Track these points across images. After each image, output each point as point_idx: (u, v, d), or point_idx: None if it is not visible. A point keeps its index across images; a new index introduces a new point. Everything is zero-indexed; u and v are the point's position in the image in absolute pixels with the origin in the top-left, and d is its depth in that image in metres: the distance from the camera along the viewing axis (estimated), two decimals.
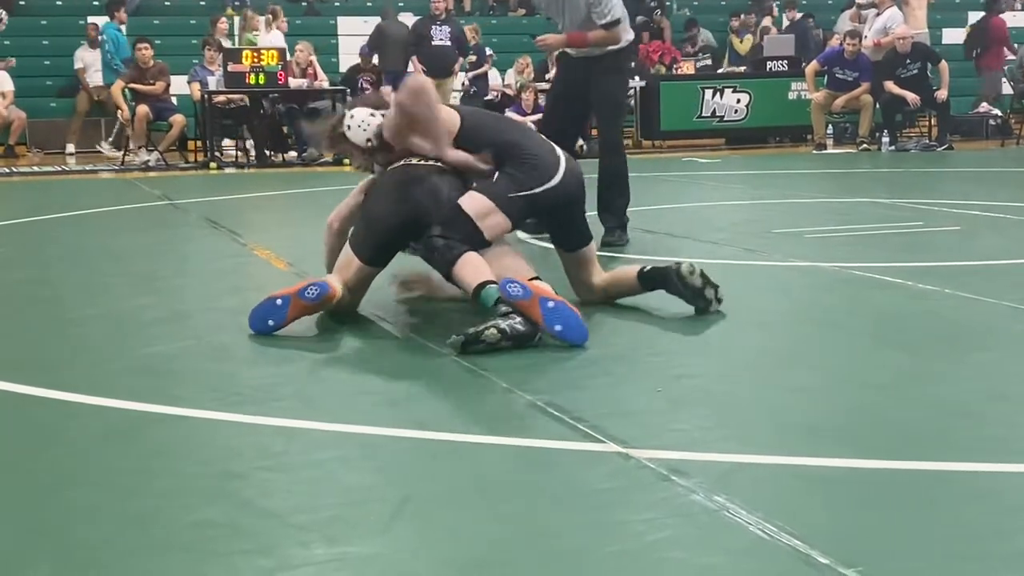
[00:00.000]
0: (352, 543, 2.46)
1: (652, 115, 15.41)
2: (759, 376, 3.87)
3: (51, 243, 7.59)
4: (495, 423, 3.33)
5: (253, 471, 2.92)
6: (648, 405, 3.50)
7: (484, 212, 4.40)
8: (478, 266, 4.25)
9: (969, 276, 5.44)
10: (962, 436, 3.15)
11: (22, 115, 15.39)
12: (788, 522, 2.46)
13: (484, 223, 4.39)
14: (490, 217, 4.41)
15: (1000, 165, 12.64)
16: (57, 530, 2.58)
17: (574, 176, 4.60)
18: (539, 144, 4.67)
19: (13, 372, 3.92)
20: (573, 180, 4.59)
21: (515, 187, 4.47)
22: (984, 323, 4.49)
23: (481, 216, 4.39)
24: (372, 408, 3.51)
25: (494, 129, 4.70)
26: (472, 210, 4.39)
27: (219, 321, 4.77)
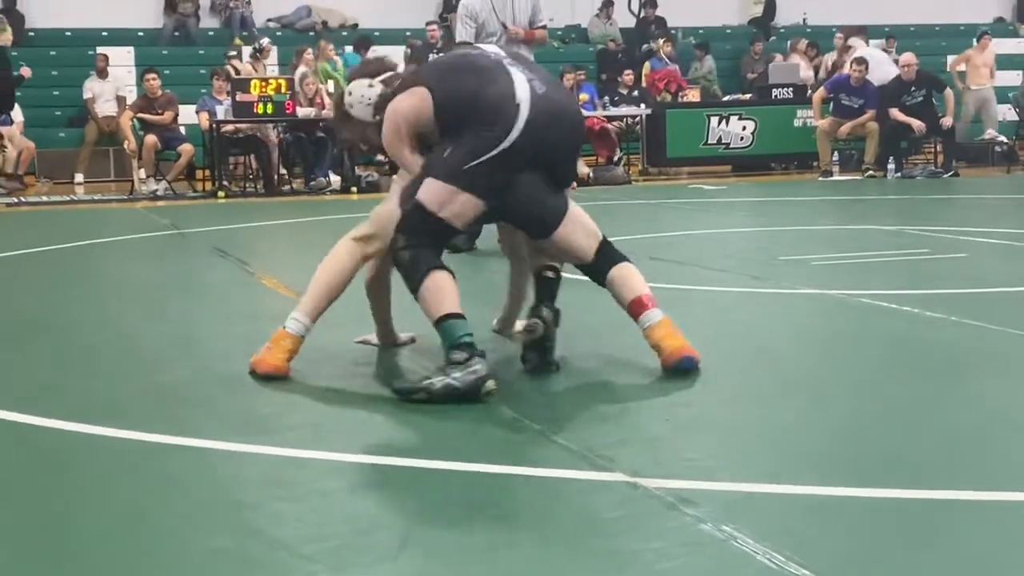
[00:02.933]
0: (358, 571, 2.46)
1: (658, 142, 15.45)
2: (766, 405, 3.86)
3: (62, 272, 7.62)
4: (503, 452, 3.33)
5: (263, 500, 2.93)
6: (656, 434, 3.51)
7: (443, 199, 4.01)
8: (444, 291, 3.96)
9: (976, 304, 5.44)
10: (969, 464, 3.15)
11: (31, 145, 15.45)
12: (796, 552, 2.46)
13: (448, 212, 4.02)
14: (452, 203, 4.01)
15: (1005, 192, 12.64)
16: (71, 557, 2.59)
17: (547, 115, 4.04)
18: (498, 92, 4.04)
19: (26, 401, 3.93)
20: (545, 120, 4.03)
21: (469, 157, 3.99)
22: (991, 351, 4.49)
23: (442, 205, 4.01)
24: (380, 437, 3.52)
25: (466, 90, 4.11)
26: (430, 202, 4.02)
27: (228, 349, 4.78)
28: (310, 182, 14.23)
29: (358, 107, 4.32)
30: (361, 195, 13.65)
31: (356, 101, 4.33)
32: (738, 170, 15.77)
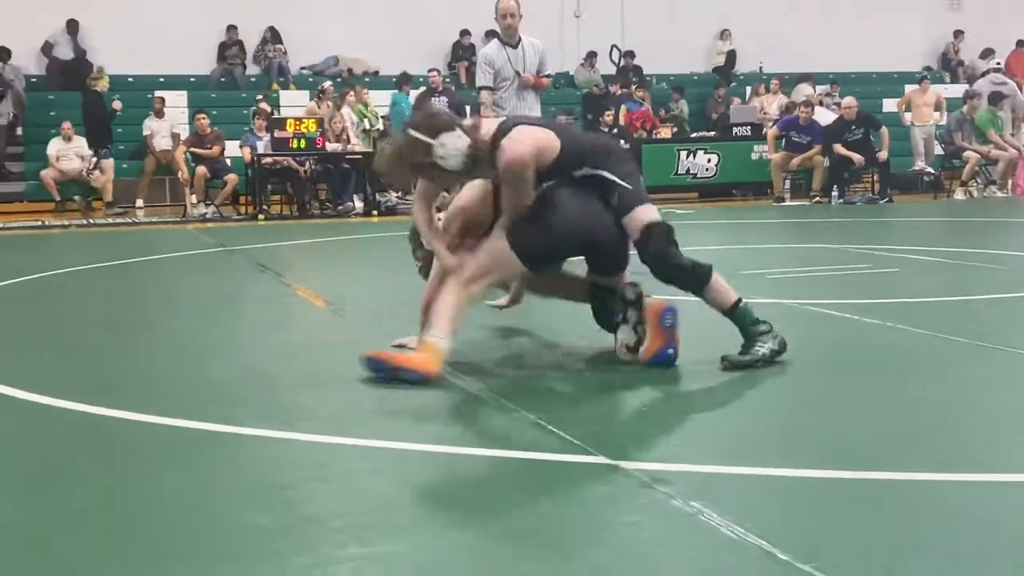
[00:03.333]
0: (381, 543, 2.46)
1: None
2: (730, 398, 3.87)
3: (124, 283, 7.63)
4: (503, 439, 3.34)
5: (297, 481, 2.92)
6: (634, 423, 3.51)
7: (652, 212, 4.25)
8: (725, 285, 4.23)
9: (907, 312, 5.44)
10: (903, 449, 3.15)
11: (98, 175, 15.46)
12: (755, 524, 2.45)
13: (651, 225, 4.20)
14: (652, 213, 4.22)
15: (933, 215, 12.65)
16: (126, 532, 2.58)
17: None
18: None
19: (93, 395, 3.93)
20: None
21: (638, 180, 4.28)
22: (921, 352, 4.49)
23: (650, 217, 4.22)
24: (399, 427, 3.51)
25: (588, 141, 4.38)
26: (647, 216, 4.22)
27: (267, 351, 4.78)
28: (337, 206, 14.25)
29: (451, 159, 4.00)
30: (381, 217, 13.66)
31: (450, 153, 3.99)
32: (704, 197, 15.78)
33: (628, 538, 2.45)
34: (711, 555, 2.34)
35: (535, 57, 7.88)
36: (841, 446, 3.19)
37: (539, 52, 7.90)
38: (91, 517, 2.70)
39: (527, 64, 7.82)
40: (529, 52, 7.86)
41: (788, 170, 14.95)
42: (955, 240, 9.76)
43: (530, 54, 7.85)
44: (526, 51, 7.85)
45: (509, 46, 7.84)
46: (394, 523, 2.58)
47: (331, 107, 15.31)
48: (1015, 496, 2.73)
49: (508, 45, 7.85)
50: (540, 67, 7.92)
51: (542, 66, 7.93)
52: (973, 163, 15.12)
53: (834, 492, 2.78)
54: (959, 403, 3.69)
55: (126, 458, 3.24)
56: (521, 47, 7.86)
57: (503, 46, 7.86)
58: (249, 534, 2.54)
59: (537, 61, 7.89)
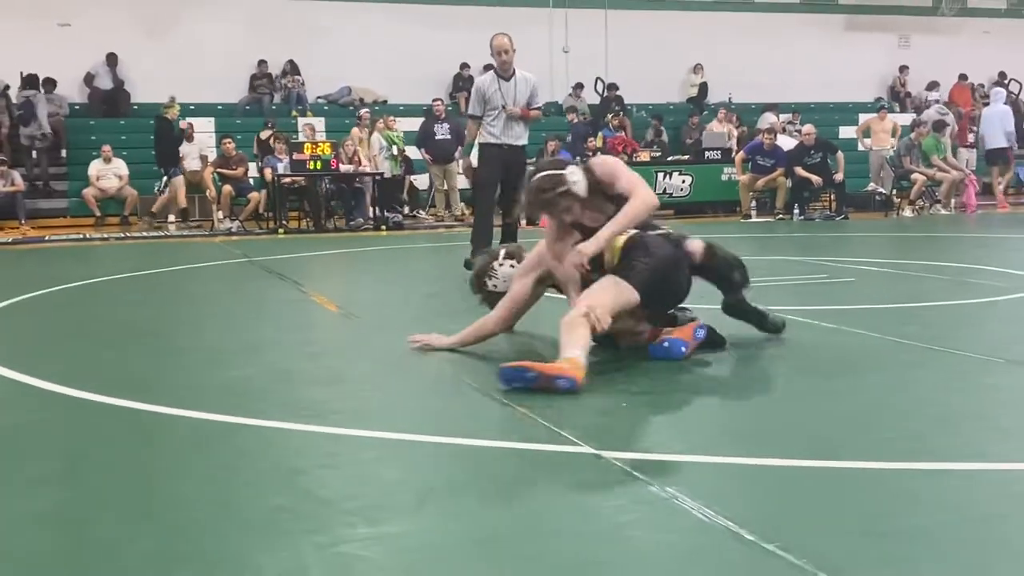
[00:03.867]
0: (388, 524, 2.45)
1: None
2: (703, 393, 3.86)
3: (157, 290, 7.61)
4: (498, 431, 3.32)
5: (313, 468, 2.91)
6: (616, 416, 3.50)
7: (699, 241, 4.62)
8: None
9: (862, 317, 5.44)
10: (858, 440, 3.14)
11: (134, 192, 15.49)
12: (724, 508, 2.45)
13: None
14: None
15: (884, 231, 12.67)
16: (159, 514, 2.57)
17: None
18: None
19: (128, 390, 3.91)
20: None
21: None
22: (873, 353, 4.49)
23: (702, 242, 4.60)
24: (403, 419, 3.50)
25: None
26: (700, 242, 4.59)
27: (286, 351, 4.76)
28: (349, 222, 14.24)
29: (580, 183, 4.24)
30: (389, 232, 13.65)
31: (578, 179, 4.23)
32: (679, 214, 15.78)
33: (609, 521, 2.44)
34: (684, 536, 2.33)
35: (526, 90, 7.83)
36: (804, 437, 3.19)
37: (530, 85, 7.85)
38: (124, 500, 2.68)
39: (517, 96, 7.78)
40: (520, 85, 7.82)
41: (754, 190, 14.99)
42: (904, 253, 9.77)
43: (521, 87, 7.82)
44: (517, 84, 7.81)
45: (502, 78, 7.81)
46: (399, 506, 2.57)
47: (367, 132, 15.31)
48: (961, 481, 2.72)
49: (501, 78, 7.82)
50: (531, 99, 7.86)
51: (533, 98, 7.87)
52: (920, 184, 15.15)
53: (797, 479, 2.77)
54: (910, 399, 3.69)
55: (156, 447, 3.22)
56: (513, 80, 7.82)
57: (496, 78, 7.83)
58: (268, 514, 2.53)
59: (528, 94, 7.84)
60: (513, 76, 7.84)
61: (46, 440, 3.35)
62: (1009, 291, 6.37)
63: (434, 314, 6.10)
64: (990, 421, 3.33)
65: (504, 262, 4.65)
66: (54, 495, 2.74)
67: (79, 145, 16.55)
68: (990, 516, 2.43)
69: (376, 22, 18.62)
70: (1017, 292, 6.33)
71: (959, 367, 4.17)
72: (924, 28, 22.19)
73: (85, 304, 6.82)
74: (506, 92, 7.78)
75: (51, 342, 5.38)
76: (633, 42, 19.80)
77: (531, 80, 7.89)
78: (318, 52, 18.42)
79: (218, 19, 18.00)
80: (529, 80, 7.87)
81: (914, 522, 2.39)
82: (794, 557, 2.17)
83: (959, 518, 2.41)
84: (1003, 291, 6.38)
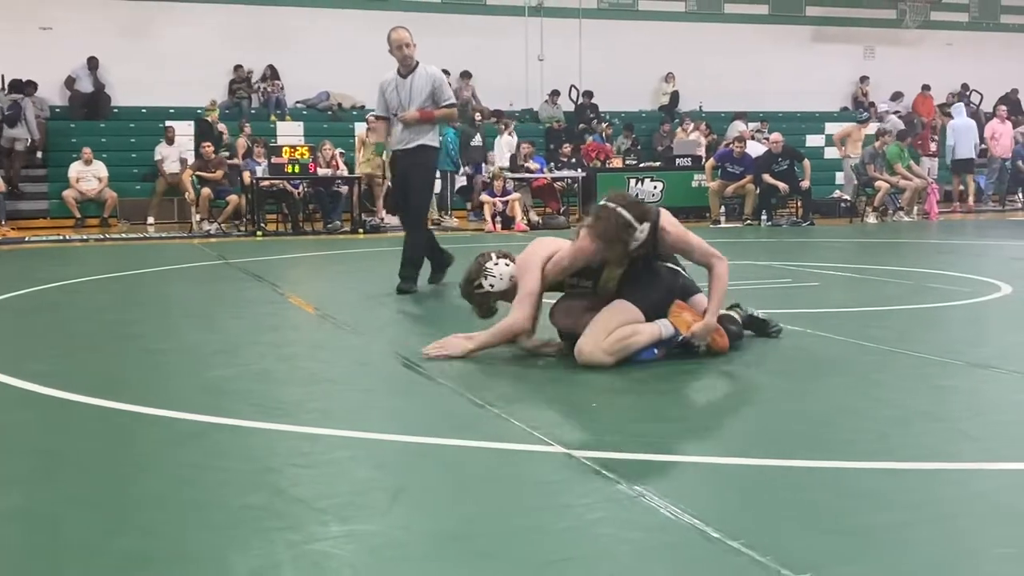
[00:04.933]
0: (360, 522, 2.44)
1: (590, 198, 15.45)
2: (670, 394, 3.86)
3: (136, 292, 7.54)
4: (470, 430, 3.31)
5: (286, 467, 2.89)
6: (586, 416, 3.50)
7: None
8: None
9: (826, 320, 5.47)
10: (820, 440, 3.16)
11: (114, 195, 15.38)
12: (690, 505, 2.46)
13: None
14: None
15: (849, 237, 12.76)
16: (133, 512, 2.55)
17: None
18: None
19: (105, 390, 3.88)
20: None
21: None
22: (837, 355, 4.52)
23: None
24: (376, 419, 3.49)
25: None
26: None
27: (261, 352, 4.73)
28: (327, 224, 14.18)
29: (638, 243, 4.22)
30: (367, 235, 13.61)
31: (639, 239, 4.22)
32: None
33: (578, 518, 2.44)
34: (651, 533, 2.33)
35: (426, 87, 6.86)
36: (768, 437, 3.20)
37: (432, 81, 6.89)
38: (99, 499, 2.66)
39: (412, 95, 6.84)
40: (419, 82, 6.87)
41: (723, 196, 15.05)
42: (867, 258, 9.84)
43: (419, 84, 6.86)
44: (415, 81, 6.87)
45: (401, 76, 6.92)
46: (372, 504, 2.56)
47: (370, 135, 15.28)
48: (921, 480, 2.74)
49: (400, 75, 6.93)
50: (437, 97, 6.91)
51: (439, 95, 6.92)
52: (884, 191, 15.27)
53: (762, 477, 2.78)
54: (872, 401, 3.71)
55: (132, 447, 3.19)
56: (411, 78, 6.89)
57: (397, 76, 6.95)
58: (242, 513, 2.51)
59: (428, 91, 6.86)
60: (413, 73, 6.89)
61: (22, 439, 3.31)
62: (968, 295, 6.43)
63: (411, 317, 6.09)
64: (949, 422, 3.36)
65: (499, 261, 4.55)
66: (29, 494, 2.71)
67: (59, 148, 16.41)
68: (949, 515, 2.45)
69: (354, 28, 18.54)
70: (976, 296, 6.39)
71: (920, 369, 4.20)
72: (889, 40, 22.38)
73: (63, 305, 6.75)
74: (402, 91, 6.91)
75: (29, 342, 5.32)
76: (607, 51, 19.86)
77: (433, 75, 6.94)
78: (296, 57, 18.34)
79: (198, 23, 17.89)
80: (431, 75, 6.92)
81: (875, 520, 2.40)
82: (758, 554, 2.17)
83: (919, 516, 2.43)
84: (962, 295, 6.44)
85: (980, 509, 2.52)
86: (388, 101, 6.99)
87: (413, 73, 6.91)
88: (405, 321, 5.92)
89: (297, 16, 18.51)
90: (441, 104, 6.94)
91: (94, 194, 15.30)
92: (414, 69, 6.92)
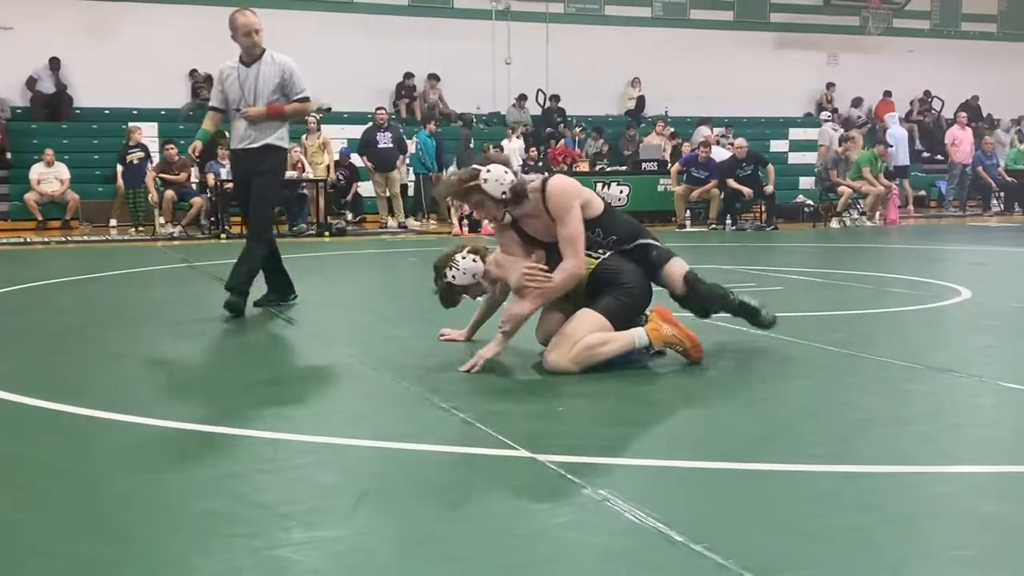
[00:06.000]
0: (324, 527, 2.43)
1: None
2: (634, 398, 3.87)
3: (97, 295, 7.45)
4: (436, 435, 3.30)
5: (248, 472, 2.87)
6: (552, 421, 3.50)
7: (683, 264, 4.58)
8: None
9: (789, 324, 5.50)
10: (783, 443, 3.19)
11: (76, 196, 15.20)
12: (654, 509, 2.46)
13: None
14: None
15: (811, 241, 12.88)
16: (94, 518, 2.52)
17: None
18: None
19: (65, 394, 3.83)
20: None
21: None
22: (799, 359, 4.54)
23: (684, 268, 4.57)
24: (341, 424, 3.47)
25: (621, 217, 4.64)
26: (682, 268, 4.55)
27: (224, 356, 4.70)
28: (292, 227, 14.10)
29: (492, 183, 4.22)
30: (332, 238, 13.54)
31: (493, 179, 4.22)
32: None
33: (542, 523, 2.44)
34: (615, 537, 2.34)
35: (274, 78, 5.97)
36: (732, 441, 3.22)
37: (281, 71, 5.97)
38: (59, 504, 2.62)
39: (259, 87, 5.95)
40: (266, 73, 5.98)
41: (689, 201, 15.14)
42: (830, 262, 9.94)
43: (266, 75, 5.97)
44: (261, 72, 5.98)
45: (244, 64, 6.00)
46: (335, 510, 2.54)
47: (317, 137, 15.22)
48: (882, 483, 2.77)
49: (243, 64, 6.00)
50: (287, 88, 6.00)
51: (289, 87, 6.00)
52: (847, 197, 15.42)
53: (725, 481, 2.80)
54: (834, 404, 3.75)
55: (93, 451, 3.15)
56: (257, 67, 5.99)
57: (239, 65, 6.03)
58: (204, 518, 2.48)
59: (277, 82, 5.97)
60: (258, 61, 5.96)
61: None
62: (929, 299, 6.51)
63: (379, 319, 6.07)
64: (909, 425, 3.39)
65: (467, 255, 4.53)
66: None
67: (20, 149, 16.20)
68: (909, 517, 2.48)
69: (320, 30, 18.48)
70: (936, 301, 6.47)
71: (881, 373, 4.25)
72: (852, 46, 22.63)
73: (24, 308, 6.66)
74: (246, 82, 5.99)
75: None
76: (573, 55, 19.92)
77: (284, 64, 5.99)
78: None
79: (160, 25, 17.72)
80: (281, 64, 5.98)
81: (837, 523, 2.42)
82: (721, 557, 2.18)
83: (880, 519, 2.45)
84: (923, 300, 6.51)
85: (940, 512, 2.55)
86: (227, 94, 6.05)
87: (259, 62, 5.95)
88: (371, 325, 5.89)
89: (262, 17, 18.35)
90: (292, 98, 5.99)
91: (56, 196, 15.12)
92: (259, 57, 5.96)
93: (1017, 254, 10.57)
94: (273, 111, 5.97)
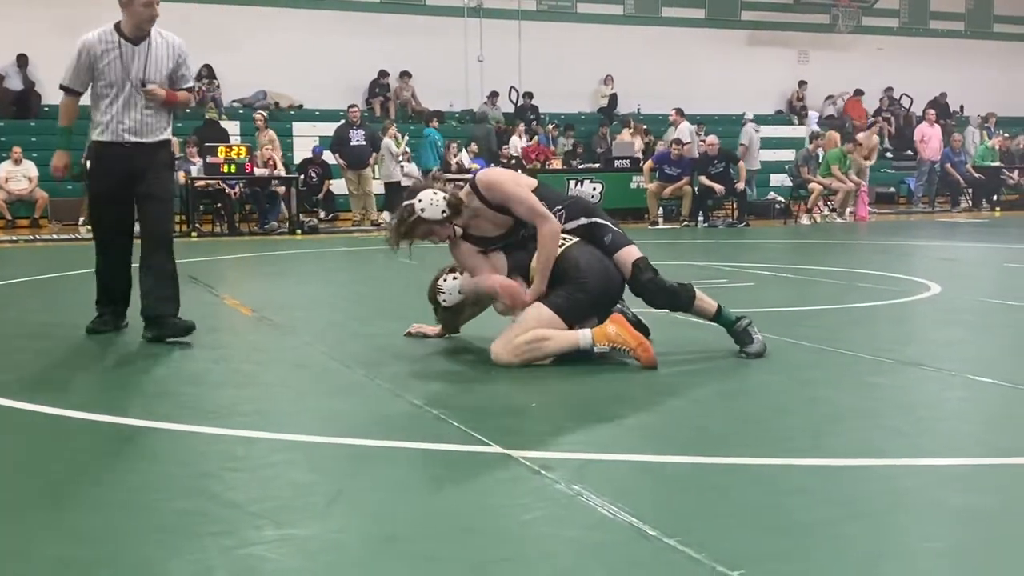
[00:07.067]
0: (296, 526, 2.41)
1: None
2: (606, 394, 3.86)
3: (67, 294, 7.37)
4: (408, 432, 3.29)
5: (220, 471, 2.85)
6: (524, 417, 3.50)
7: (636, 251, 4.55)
8: (706, 297, 4.51)
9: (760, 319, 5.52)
10: (754, 437, 3.20)
11: (45, 195, 15.02)
12: (627, 504, 2.47)
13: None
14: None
15: (783, 238, 12.96)
16: (65, 518, 2.49)
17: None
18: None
19: (35, 394, 3.79)
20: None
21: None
22: (770, 353, 4.55)
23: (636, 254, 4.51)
24: (313, 421, 3.45)
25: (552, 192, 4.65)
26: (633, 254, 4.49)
27: (196, 355, 4.66)
28: (263, 225, 14.02)
29: (430, 209, 4.26)
30: (304, 236, 13.47)
31: (428, 204, 4.26)
32: None
33: (515, 519, 2.44)
34: (588, 532, 2.34)
35: (168, 60, 5.04)
36: (701, 435, 3.24)
37: (176, 54, 5.07)
38: (30, 504, 2.59)
39: (150, 69, 4.99)
40: (158, 54, 5.02)
41: (661, 198, 15.18)
42: (801, 259, 10.00)
43: (159, 56, 5.02)
44: (153, 52, 5.01)
45: (129, 41, 4.97)
46: (307, 508, 2.53)
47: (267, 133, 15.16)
48: (852, 477, 2.79)
49: (127, 40, 4.97)
50: (177, 75, 5.11)
51: (178, 74, 5.11)
52: (817, 193, 15.52)
53: (697, 475, 2.81)
54: (804, 399, 3.77)
55: (60, 450, 3.12)
56: (146, 45, 4.99)
57: (120, 40, 4.99)
58: (176, 517, 2.46)
59: (171, 66, 5.06)
60: (147, 40, 4.99)
61: None
62: (898, 295, 6.57)
63: (350, 317, 6.04)
64: (879, 419, 3.42)
65: (447, 277, 4.68)
66: None
67: None
68: (879, 511, 2.50)
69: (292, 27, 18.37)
70: (906, 296, 6.53)
71: (851, 367, 4.28)
72: (822, 44, 22.77)
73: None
74: (131, 62, 4.99)
75: None
76: (546, 53, 19.92)
77: (178, 46, 5.10)
78: (233, 56, 18.09)
79: None
80: (175, 47, 5.08)
81: (807, 516, 2.44)
82: (693, 551, 2.19)
83: (849, 512, 2.47)
84: (893, 295, 6.57)
85: (910, 505, 2.57)
86: (101, 72, 5.02)
87: (148, 40, 4.98)
88: (343, 323, 5.87)
89: (233, 15, 18.26)
90: (180, 86, 5.12)
91: (24, 194, 14.95)
92: (148, 34, 5.00)
93: (985, 250, 10.68)
94: (172, 99, 5.07)
